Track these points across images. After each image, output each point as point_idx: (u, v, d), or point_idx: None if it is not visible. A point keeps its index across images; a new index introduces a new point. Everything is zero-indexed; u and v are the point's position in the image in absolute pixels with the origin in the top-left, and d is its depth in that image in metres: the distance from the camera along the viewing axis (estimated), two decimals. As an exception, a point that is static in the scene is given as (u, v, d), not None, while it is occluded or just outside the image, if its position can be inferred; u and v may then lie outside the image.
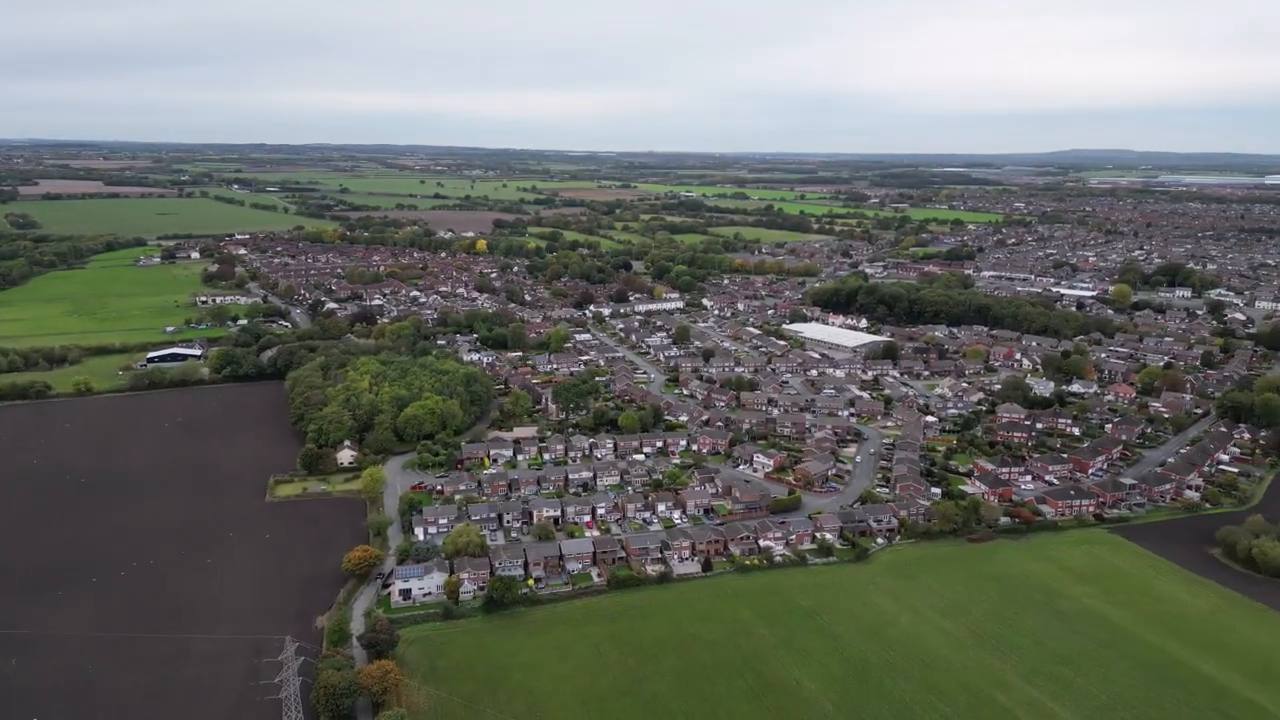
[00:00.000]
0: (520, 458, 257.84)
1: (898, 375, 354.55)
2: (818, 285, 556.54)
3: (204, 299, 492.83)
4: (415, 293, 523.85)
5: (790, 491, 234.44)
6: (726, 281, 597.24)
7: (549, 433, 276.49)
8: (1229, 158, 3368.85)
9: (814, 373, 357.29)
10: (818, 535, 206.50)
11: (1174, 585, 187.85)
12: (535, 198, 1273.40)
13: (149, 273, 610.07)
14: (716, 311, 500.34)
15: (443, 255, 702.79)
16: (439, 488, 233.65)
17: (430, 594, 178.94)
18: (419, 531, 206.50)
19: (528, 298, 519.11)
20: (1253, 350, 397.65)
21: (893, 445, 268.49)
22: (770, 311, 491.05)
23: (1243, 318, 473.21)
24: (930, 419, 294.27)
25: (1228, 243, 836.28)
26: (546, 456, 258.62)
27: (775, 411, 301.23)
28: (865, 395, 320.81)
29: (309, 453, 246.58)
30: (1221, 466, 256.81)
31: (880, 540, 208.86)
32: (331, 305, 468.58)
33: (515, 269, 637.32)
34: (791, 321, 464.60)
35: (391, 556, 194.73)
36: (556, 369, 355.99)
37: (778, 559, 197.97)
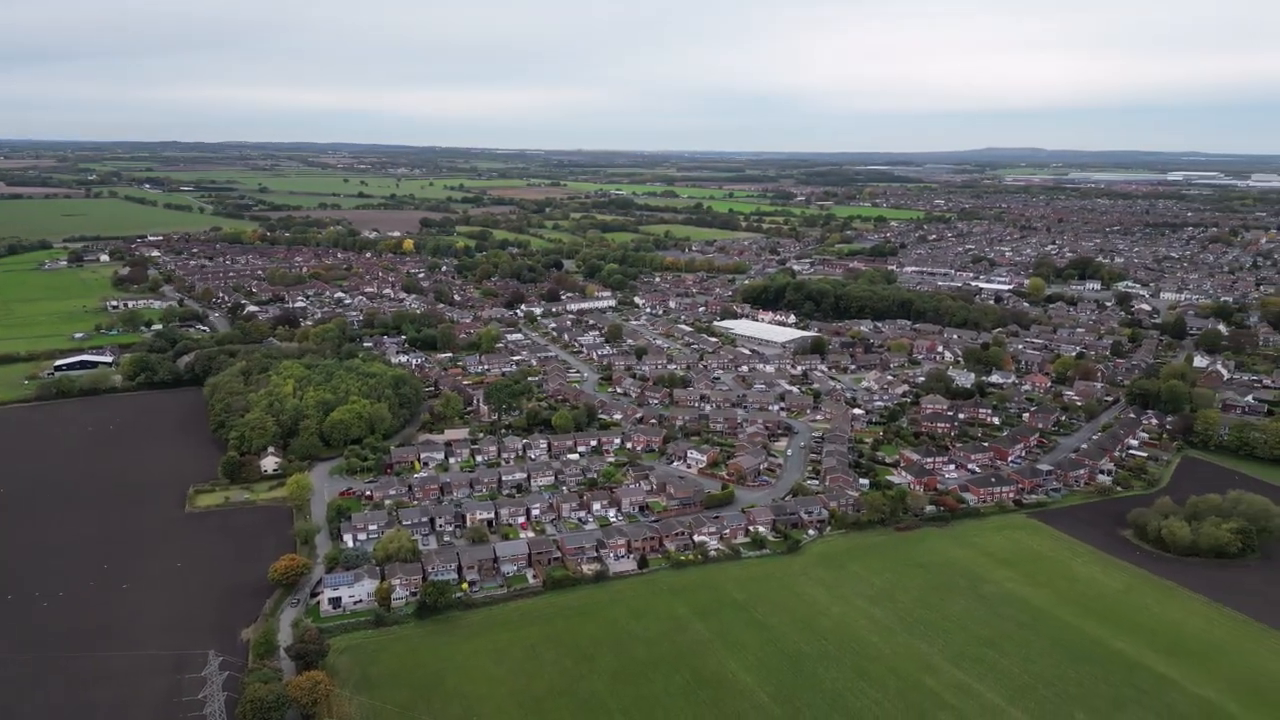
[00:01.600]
0: (452, 460, 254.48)
1: (826, 369, 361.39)
2: (747, 282, 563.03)
3: (115, 303, 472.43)
4: (340, 294, 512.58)
5: (724, 486, 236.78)
6: (658, 279, 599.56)
7: (481, 434, 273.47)
8: (1133, 155, 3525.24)
9: (745, 369, 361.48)
10: (751, 529, 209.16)
11: (1089, 566, 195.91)
12: (463, 196, 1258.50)
13: (55, 277, 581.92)
14: (648, 309, 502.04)
15: (368, 255, 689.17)
16: (368, 493, 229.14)
17: (361, 601, 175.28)
18: (348, 538, 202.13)
19: (457, 298, 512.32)
20: (1158, 339, 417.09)
21: (822, 438, 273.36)
22: (701, 309, 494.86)
23: (1148, 308, 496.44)
24: (857, 412, 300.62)
25: (1134, 237, 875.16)
26: (479, 458, 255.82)
27: (708, 408, 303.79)
28: (795, 390, 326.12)
29: (230, 460, 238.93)
30: (1131, 451, 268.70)
31: (811, 531, 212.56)
32: (252, 308, 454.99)
33: (443, 269, 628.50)
34: (722, 318, 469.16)
35: (320, 565, 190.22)
36: (488, 370, 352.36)
37: (712, 553, 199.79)
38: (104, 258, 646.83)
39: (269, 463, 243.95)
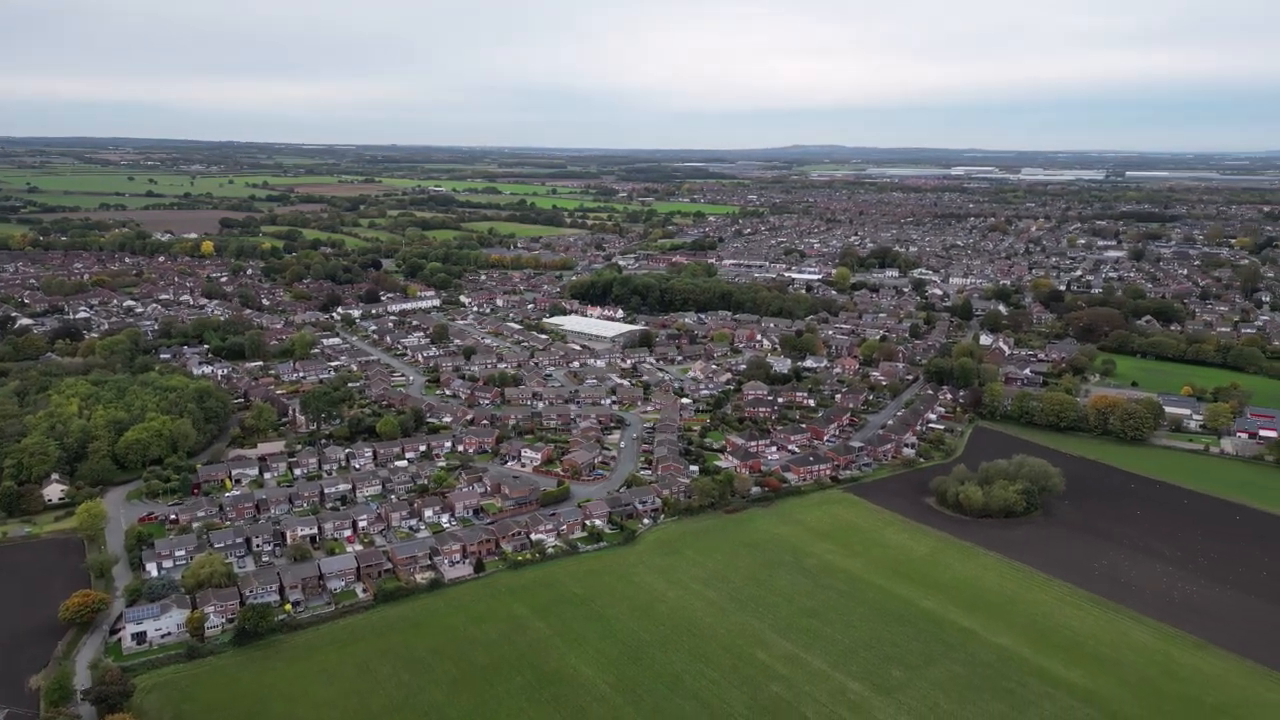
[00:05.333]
0: (267, 476, 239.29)
1: (654, 362, 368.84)
2: (574, 278, 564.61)
3: None
4: (130, 302, 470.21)
5: (559, 483, 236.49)
6: (484, 277, 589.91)
7: (299, 446, 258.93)
8: (921, 152, 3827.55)
9: (576, 364, 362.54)
10: (588, 523, 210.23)
11: (899, 534, 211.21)
12: (268, 194, 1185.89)
13: None
14: (475, 308, 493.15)
15: (161, 259, 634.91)
16: (173, 517, 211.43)
17: (170, 634, 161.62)
18: (151, 567, 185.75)
19: (266, 302, 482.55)
20: (949, 321, 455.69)
21: (653, 429, 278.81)
22: (530, 306, 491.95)
23: (940, 293, 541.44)
24: (685, 401, 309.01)
25: (925, 227, 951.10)
26: (297, 472, 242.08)
27: (540, 405, 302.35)
28: (625, 383, 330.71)
29: (7, 491, 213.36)
30: (931, 425, 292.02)
31: (646, 521, 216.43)
32: (25, 321, 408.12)
33: (249, 271, 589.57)
34: (551, 315, 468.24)
35: (120, 598, 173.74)
36: (303, 377, 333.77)
37: (550, 551, 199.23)
38: None
39: (53, 491, 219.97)
